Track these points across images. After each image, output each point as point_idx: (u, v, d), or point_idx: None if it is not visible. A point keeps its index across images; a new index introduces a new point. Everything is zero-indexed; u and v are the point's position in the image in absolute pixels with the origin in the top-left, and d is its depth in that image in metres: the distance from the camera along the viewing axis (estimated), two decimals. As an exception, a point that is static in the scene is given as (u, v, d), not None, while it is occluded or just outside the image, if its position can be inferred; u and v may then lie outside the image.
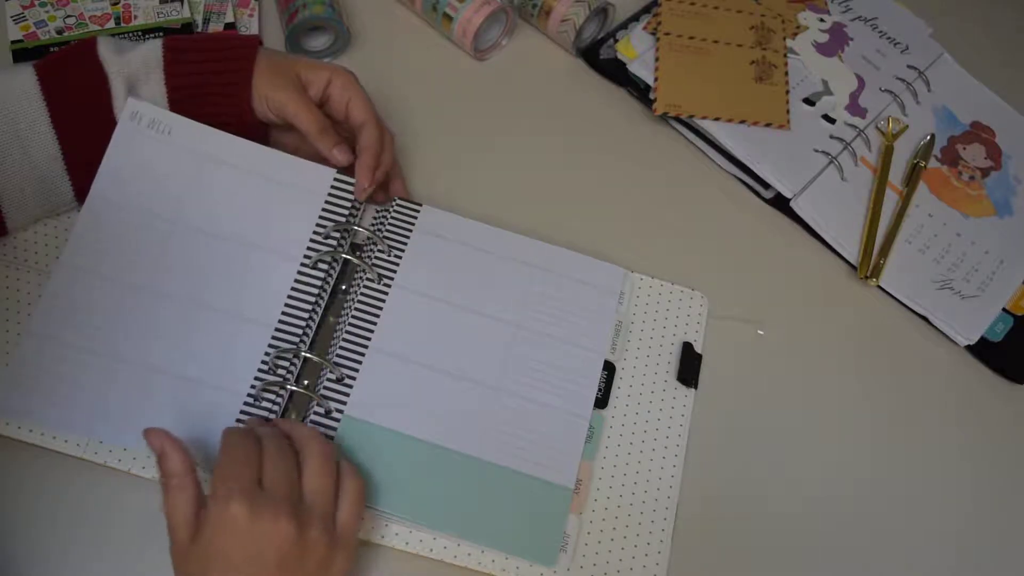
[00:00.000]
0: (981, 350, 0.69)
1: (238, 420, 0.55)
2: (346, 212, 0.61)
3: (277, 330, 0.57)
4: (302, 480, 0.48)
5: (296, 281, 0.59)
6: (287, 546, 0.45)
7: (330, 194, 0.61)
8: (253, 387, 0.56)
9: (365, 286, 0.60)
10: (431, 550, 0.54)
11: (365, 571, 0.54)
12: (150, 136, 0.58)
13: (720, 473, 0.61)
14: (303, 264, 0.59)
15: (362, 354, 0.58)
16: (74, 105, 0.57)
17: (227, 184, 0.60)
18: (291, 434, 0.51)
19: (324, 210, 0.61)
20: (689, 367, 0.64)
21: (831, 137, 0.75)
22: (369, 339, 0.59)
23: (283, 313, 0.58)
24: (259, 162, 0.60)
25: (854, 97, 0.78)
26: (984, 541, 0.62)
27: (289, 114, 0.59)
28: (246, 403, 0.55)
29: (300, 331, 0.58)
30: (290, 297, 0.58)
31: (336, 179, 0.62)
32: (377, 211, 0.65)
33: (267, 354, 0.57)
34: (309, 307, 0.59)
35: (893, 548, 0.61)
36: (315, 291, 0.59)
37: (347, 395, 0.57)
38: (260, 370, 0.56)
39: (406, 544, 0.54)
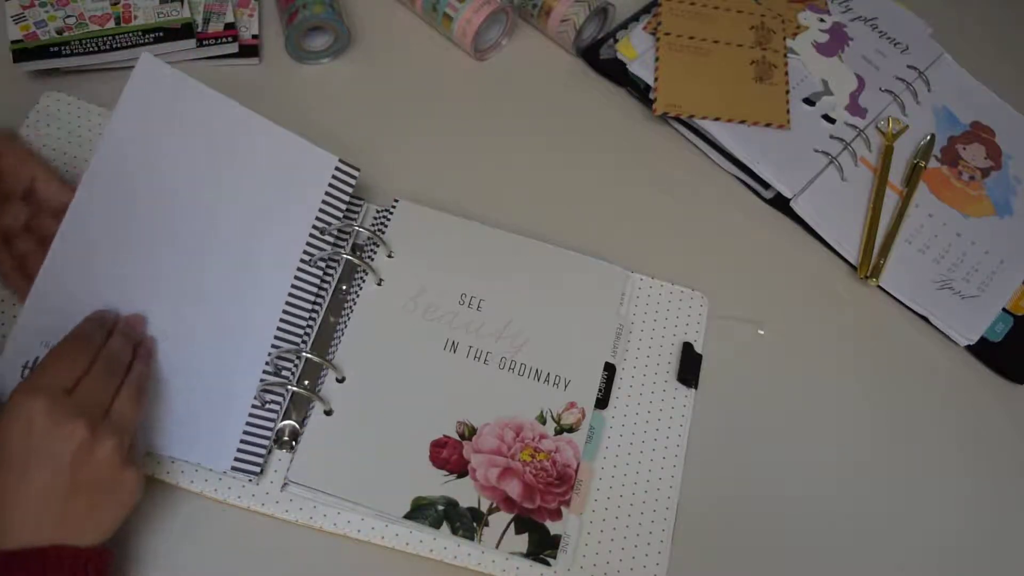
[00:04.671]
0: (981, 350, 0.69)
1: (253, 416, 0.55)
2: (345, 204, 0.61)
3: (279, 330, 0.58)
4: (113, 400, 0.48)
5: (294, 283, 0.59)
6: (78, 452, 0.45)
7: (331, 183, 0.60)
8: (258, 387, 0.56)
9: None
10: (431, 550, 0.54)
11: (365, 571, 0.54)
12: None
13: (720, 473, 0.61)
14: (301, 263, 0.59)
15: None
16: None
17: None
18: (134, 345, 0.51)
19: (325, 198, 0.60)
20: (689, 367, 0.64)
21: (831, 137, 0.75)
22: (369, 339, 0.59)
23: (284, 313, 0.58)
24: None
25: (854, 97, 0.78)
26: (984, 540, 0.62)
27: None
28: (254, 406, 0.55)
29: (301, 332, 0.58)
30: (289, 299, 0.58)
31: (338, 167, 0.61)
32: (378, 211, 0.65)
33: (269, 354, 0.57)
34: (309, 307, 0.59)
35: (893, 548, 0.61)
36: (313, 291, 0.59)
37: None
38: (265, 371, 0.56)
39: (406, 544, 0.54)
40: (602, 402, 0.61)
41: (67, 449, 0.45)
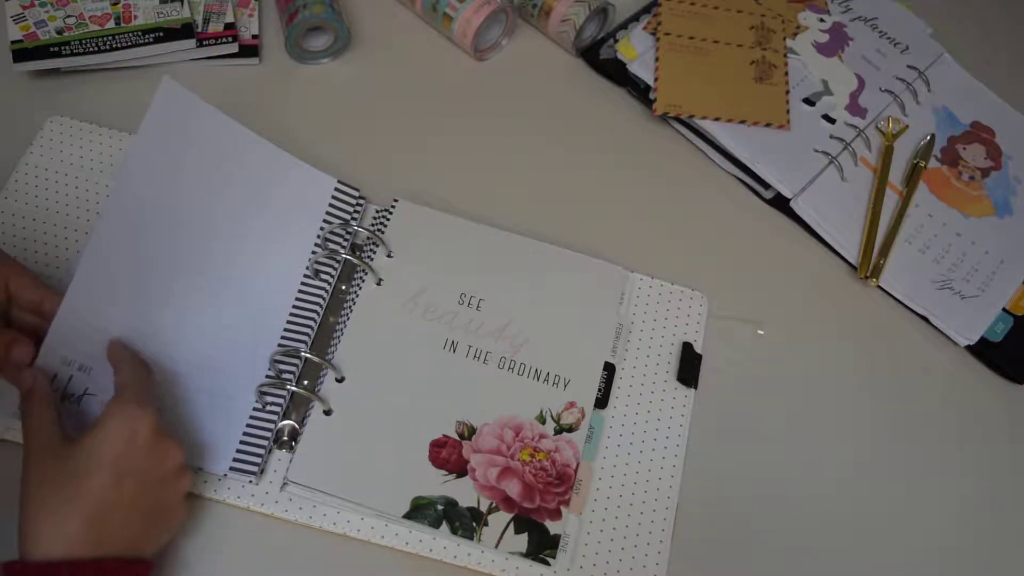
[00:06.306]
0: (981, 350, 0.69)
1: (254, 419, 0.55)
2: (346, 219, 0.62)
3: (284, 332, 0.58)
4: None
5: (300, 289, 0.60)
6: (168, 475, 0.47)
7: (331, 204, 0.63)
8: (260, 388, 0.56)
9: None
10: (431, 550, 0.54)
11: (365, 571, 0.54)
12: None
13: (720, 473, 0.61)
14: (305, 276, 0.60)
15: (362, 354, 0.58)
16: None
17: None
18: None
19: (325, 220, 0.62)
20: (689, 367, 0.64)
21: (831, 137, 0.75)
22: (369, 339, 0.59)
23: (290, 316, 0.59)
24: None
25: (854, 97, 0.78)
26: (984, 540, 0.62)
27: None
28: (255, 408, 0.56)
29: (305, 335, 0.58)
30: (296, 303, 0.59)
31: (337, 188, 0.63)
32: (377, 211, 0.65)
33: (271, 358, 0.57)
34: (312, 311, 0.59)
35: (893, 547, 0.61)
36: (317, 297, 0.60)
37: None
38: (267, 374, 0.56)
39: (406, 544, 0.54)
40: (602, 402, 0.61)
41: (162, 469, 0.46)
